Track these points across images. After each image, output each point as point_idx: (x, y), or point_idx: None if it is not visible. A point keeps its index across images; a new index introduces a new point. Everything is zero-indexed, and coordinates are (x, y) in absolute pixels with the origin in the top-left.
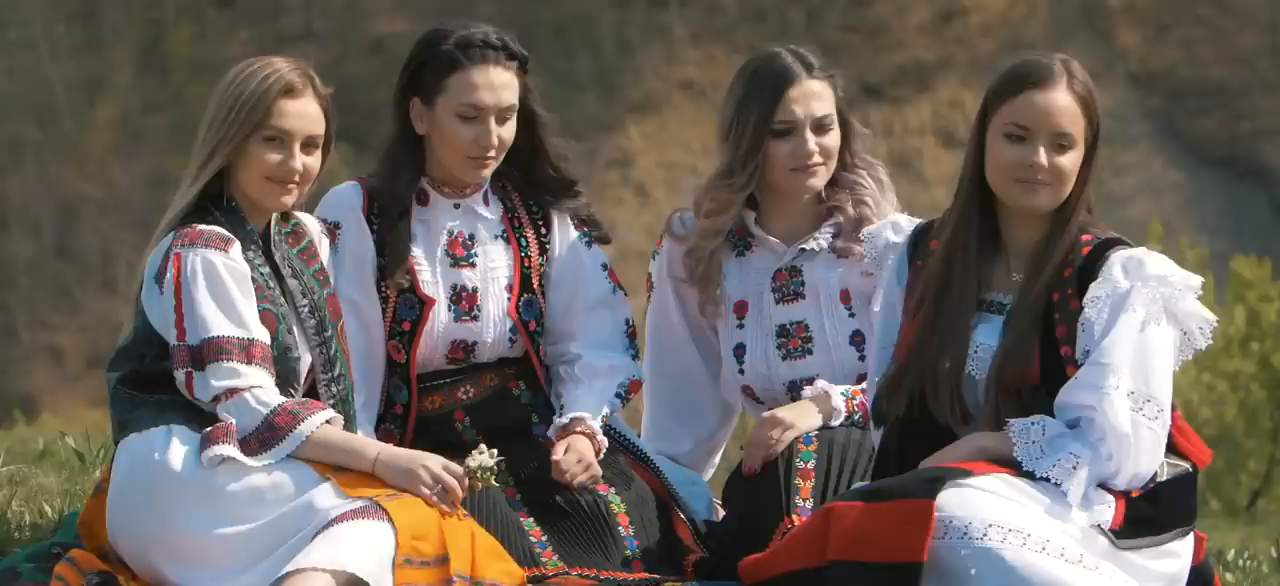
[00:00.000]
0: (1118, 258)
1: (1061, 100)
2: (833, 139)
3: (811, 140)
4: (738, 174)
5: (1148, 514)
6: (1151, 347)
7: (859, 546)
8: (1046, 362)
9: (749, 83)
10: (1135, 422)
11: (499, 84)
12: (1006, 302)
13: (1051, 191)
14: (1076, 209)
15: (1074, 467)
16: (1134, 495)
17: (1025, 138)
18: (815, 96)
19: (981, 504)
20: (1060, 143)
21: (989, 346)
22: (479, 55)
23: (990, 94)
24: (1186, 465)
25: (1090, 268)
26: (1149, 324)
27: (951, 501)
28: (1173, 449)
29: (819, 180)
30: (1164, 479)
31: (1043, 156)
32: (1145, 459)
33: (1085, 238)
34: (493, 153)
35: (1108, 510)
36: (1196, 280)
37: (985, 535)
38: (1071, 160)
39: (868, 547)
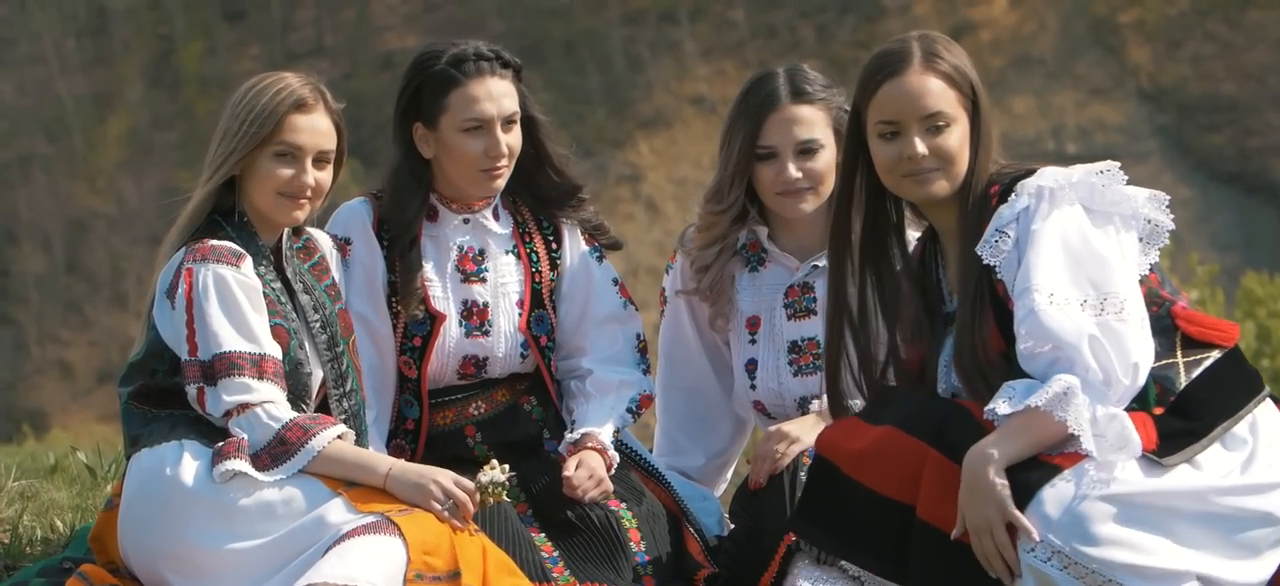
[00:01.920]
0: (1018, 188)
1: (917, 83)
2: (821, 162)
3: (793, 166)
4: (724, 196)
5: (1181, 426)
6: (1084, 249)
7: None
8: (1004, 326)
9: (739, 104)
10: (1101, 326)
11: (498, 93)
12: None
13: (943, 175)
14: (979, 176)
15: (1063, 395)
16: (1158, 412)
17: (898, 131)
18: (799, 122)
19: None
20: (935, 124)
21: None
22: (474, 68)
23: (856, 99)
24: (1212, 353)
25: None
26: (1070, 228)
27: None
28: (1191, 343)
29: (807, 204)
30: (1186, 383)
31: (919, 145)
32: (1132, 353)
33: (994, 190)
34: (503, 162)
35: (1132, 435)
36: (1109, 164)
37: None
38: (954, 137)
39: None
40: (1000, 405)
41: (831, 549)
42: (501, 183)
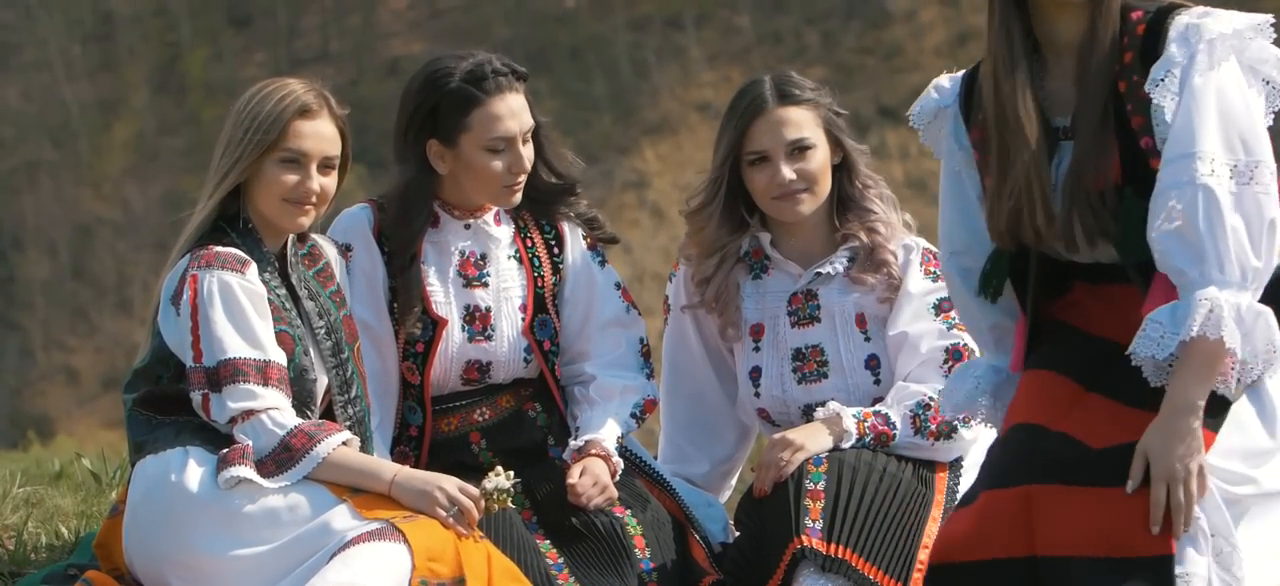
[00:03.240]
0: (1176, 28)
1: None
2: (814, 162)
3: (786, 168)
4: (709, 203)
5: None
6: (1240, 111)
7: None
8: (1127, 160)
9: (727, 112)
10: (1252, 197)
11: (517, 109)
12: None
13: None
14: None
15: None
16: None
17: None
18: (787, 123)
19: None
20: None
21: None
22: (494, 86)
23: None
24: None
25: (1151, 44)
26: (1229, 87)
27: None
28: None
29: (804, 206)
30: None
31: None
32: (1269, 218)
33: (1135, 16)
34: (524, 177)
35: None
36: (1264, 19)
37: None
38: None
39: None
40: (1150, 348)
41: None
42: (519, 196)
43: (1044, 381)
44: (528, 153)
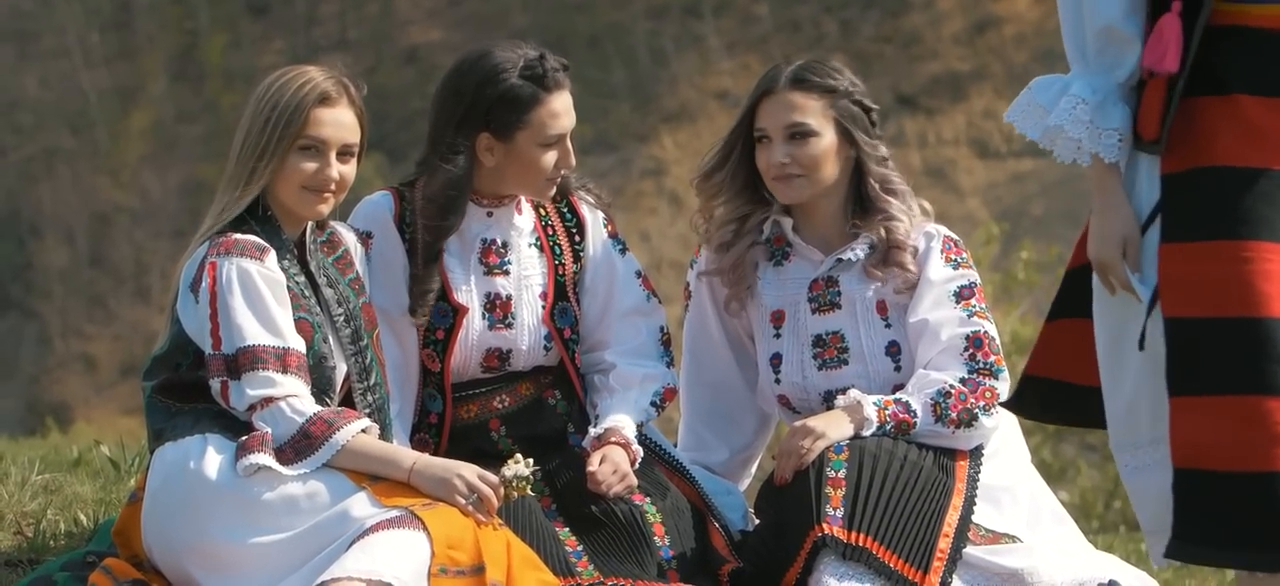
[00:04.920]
0: None
1: None
2: (812, 149)
3: (781, 150)
4: (719, 168)
5: None
6: None
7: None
8: None
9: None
10: None
11: (570, 105)
12: None
13: None
14: None
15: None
16: None
17: None
18: (790, 107)
19: None
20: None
21: None
22: (553, 82)
23: None
24: None
25: None
26: None
27: None
28: None
29: (794, 190)
30: None
31: None
32: None
33: None
34: (566, 170)
35: None
36: None
37: None
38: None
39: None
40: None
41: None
42: (555, 189)
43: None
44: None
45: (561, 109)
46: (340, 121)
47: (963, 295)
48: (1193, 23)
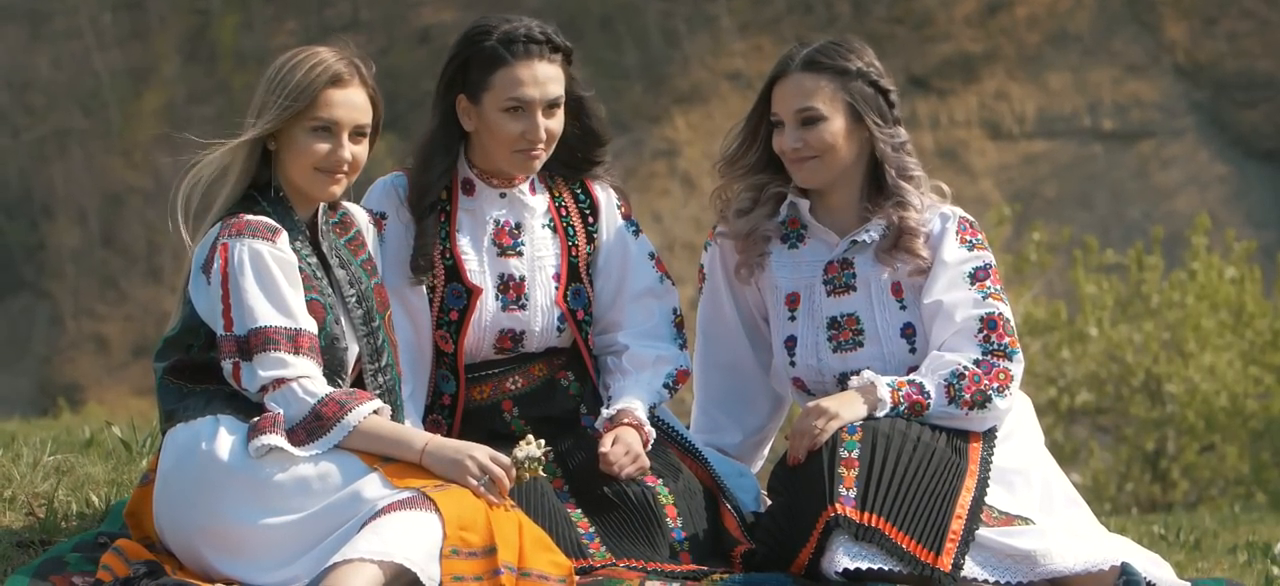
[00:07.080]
0: None
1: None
2: (823, 133)
3: (793, 134)
4: (738, 160)
5: None
6: None
7: None
8: None
9: None
10: None
11: (543, 78)
12: None
13: None
14: None
15: None
16: None
17: None
18: (800, 91)
19: None
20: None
21: None
22: (523, 50)
23: None
24: None
25: None
26: None
27: None
28: None
29: (811, 173)
30: None
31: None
32: None
33: None
34: (540, 146)
35: None
36: None
37: None
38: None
39: None
40: None
41: None
42: (538, 164)
43: None
44: (549, 124)
45: (526, 78)
46: (352, 102)
47: (978, 276)
48: None
